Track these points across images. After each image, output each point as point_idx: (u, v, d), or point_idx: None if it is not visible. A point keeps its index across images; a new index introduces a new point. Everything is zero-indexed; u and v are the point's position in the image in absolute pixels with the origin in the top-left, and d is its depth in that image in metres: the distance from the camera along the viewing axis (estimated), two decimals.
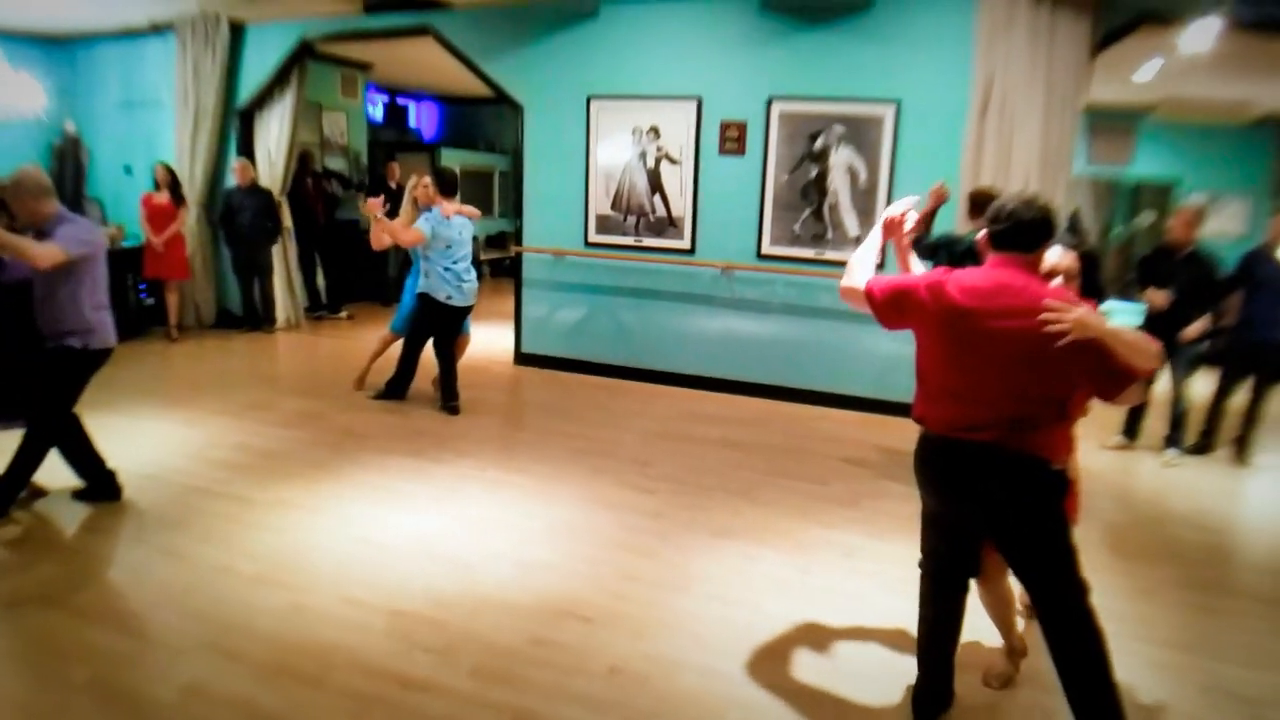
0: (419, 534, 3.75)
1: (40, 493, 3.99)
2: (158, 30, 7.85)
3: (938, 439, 2.30)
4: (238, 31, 7.65)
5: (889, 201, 5.67)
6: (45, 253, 3.47)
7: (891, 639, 2.96)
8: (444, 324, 5.50)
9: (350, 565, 3.43)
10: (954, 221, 5.09)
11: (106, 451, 4.01)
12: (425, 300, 5.39)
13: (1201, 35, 5.23)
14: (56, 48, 8.42)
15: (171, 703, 2.53)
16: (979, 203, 4.26)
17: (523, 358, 7.07)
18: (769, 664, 2.81)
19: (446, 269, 5.31)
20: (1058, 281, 2.44)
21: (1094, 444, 5.33)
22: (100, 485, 3.98)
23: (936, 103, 5.51)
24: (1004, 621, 2.70)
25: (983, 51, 5.21)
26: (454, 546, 3.63)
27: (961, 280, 2.22)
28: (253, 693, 2.58)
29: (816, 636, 2.98)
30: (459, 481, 4.38)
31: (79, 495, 3.98)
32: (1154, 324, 4.86)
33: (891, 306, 2.34)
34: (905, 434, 5.22)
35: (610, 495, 4.25)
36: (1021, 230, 2.18)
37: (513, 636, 2.93)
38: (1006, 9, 5.11)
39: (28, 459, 3.76)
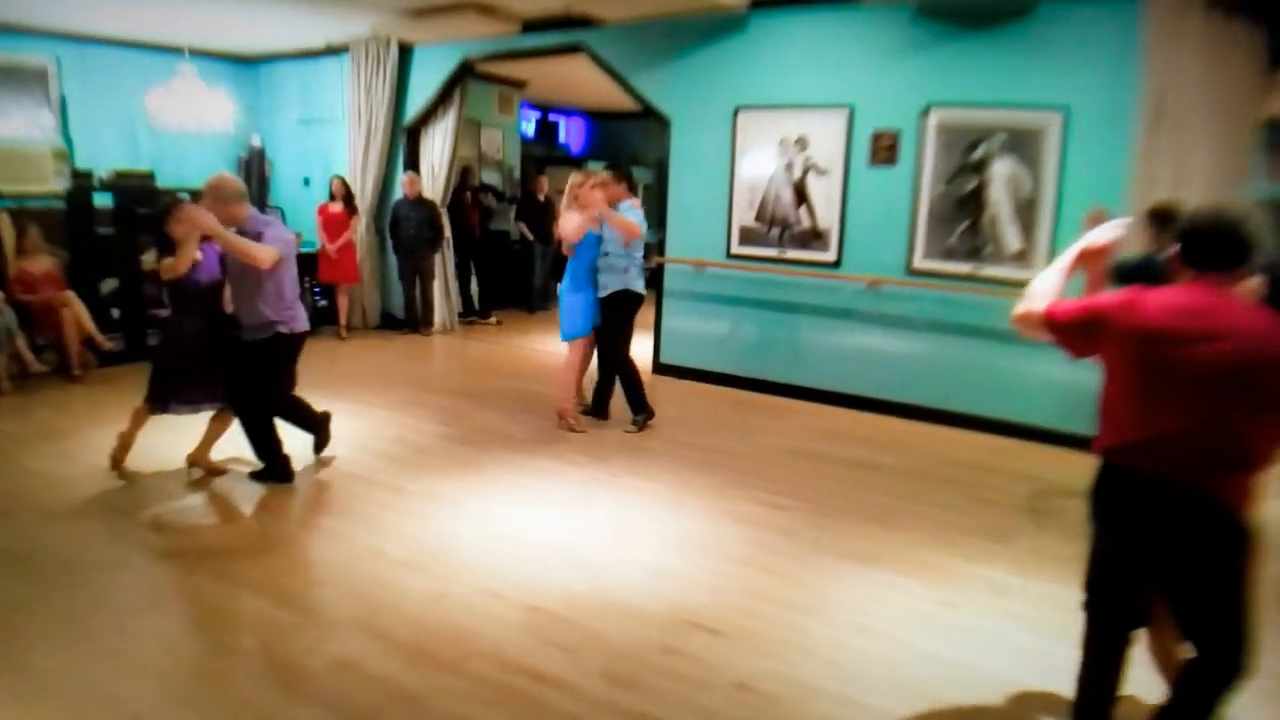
0: (554, 533, 3.84)
1: (220, 471, 4.40)
2: (333, 52, 8.54)
3: (1120, 472, 2.11)
4: (406, 53, 8.19)
5: (1055, 215, 5.30)
6: (266, 254, 3.89)
7: (1043, 686, 2.73)
8: (632, 317, 5.45)
9: (490, 558, 3.56)
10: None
11: (280, 438, 4.36)
12: (624, 296, 5.28)
13: None
14: (244, 68, 9.31)
15: (323, 673, 2.71)
16: (1161, 217, 3.88)
17: (660, 367, 7.13)
18: (913, 702, 2.65)
19: (638, 262, 5.33)
20: None
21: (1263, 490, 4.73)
22: (275, 468, 4.33)
23: (1102, 112, 5.09)
24: (1171, 675, 2.43)
25: (1152, 59, 4.78)
26: (586, 549, 3.69)
27: (1159, 299, 2.03)
28: (397, 671, 2.72)
29: (963, 678, 2.80)
30: (593, 486, 4.46)
31: (254, 476, 4.35)
32: None
33: (1079, 330, 2.16)
34: (1061, 465, 4.89)
35: (740, 510, 4.18)
36: (1220, 246, 1.98)
37: (641, 642, 2.93)
38: (1176, 15, 4.67)
39: (263, 435, 4.24)
